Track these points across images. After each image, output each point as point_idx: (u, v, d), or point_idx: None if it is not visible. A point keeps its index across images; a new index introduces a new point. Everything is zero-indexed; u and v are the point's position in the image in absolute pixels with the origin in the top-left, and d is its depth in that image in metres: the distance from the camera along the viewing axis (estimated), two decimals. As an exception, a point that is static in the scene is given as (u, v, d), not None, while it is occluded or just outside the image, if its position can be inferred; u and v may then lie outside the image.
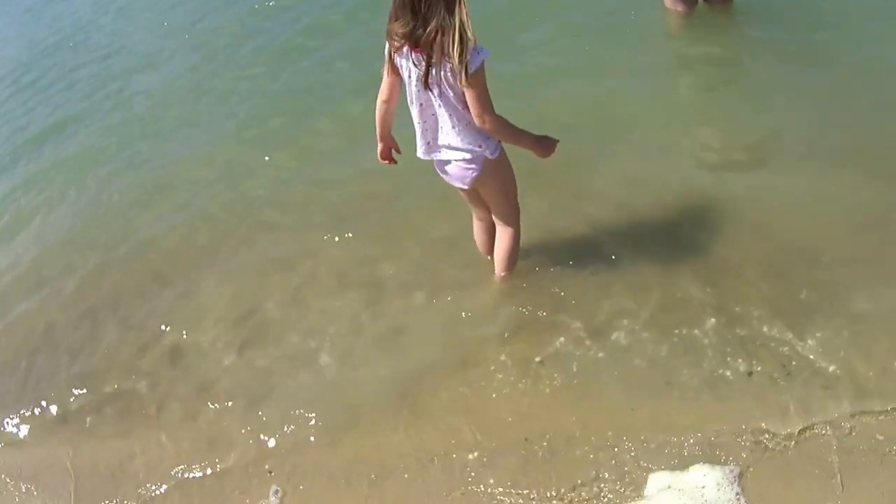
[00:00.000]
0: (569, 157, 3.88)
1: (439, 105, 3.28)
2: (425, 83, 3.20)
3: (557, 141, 3.49)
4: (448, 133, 3.36)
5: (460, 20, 3.04)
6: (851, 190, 4.18)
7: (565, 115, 4.76)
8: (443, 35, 3.05)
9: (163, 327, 4.40)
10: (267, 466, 3.49)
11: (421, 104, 3.32)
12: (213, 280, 4.63)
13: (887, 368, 3.26)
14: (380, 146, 3.63)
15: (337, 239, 4.60)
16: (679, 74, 5.75)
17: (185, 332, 4.32)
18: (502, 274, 3.89)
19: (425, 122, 3.37)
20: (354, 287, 4.23)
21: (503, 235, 3.81)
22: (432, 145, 3.43)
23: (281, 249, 4.70)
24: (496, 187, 3.60)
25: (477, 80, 3.12)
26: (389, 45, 3.24)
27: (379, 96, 3.48)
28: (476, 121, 3.23)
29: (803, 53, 5.44)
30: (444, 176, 3.59)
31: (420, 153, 3.49)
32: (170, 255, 4.99)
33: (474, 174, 3.47)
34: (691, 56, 5.84)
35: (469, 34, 3.06)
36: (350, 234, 4.61)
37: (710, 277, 3.78)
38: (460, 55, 3.05)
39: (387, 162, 3.70)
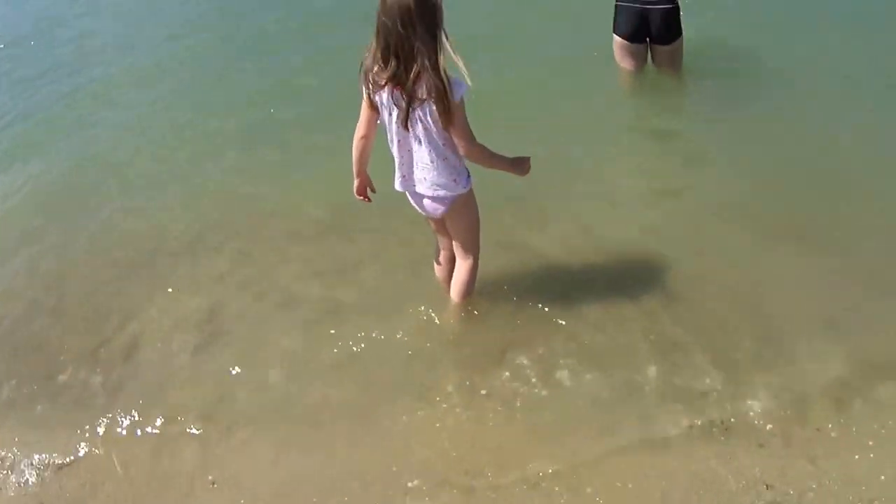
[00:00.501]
0: (523, 201, 4.01)
1: (418, 142, 3.42)
2: (405, 123, 3.34)
3: (529, 158, 3.65)
4: (424, 168, 3.50)
5: (442, 65, 3.18)
6: (795, 250, 4.35)
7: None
8: (425, 77, 3.19)
9: (121, 323, 4.42)
10: (210, 477, 3.51)
11: (399, 140, 3.46)
12: (174, 284, 4.65)
13: (821, 430, 3.37)
14: (356, 182, 3.75)
15: (298, 256, 4.70)
16: (623, 131, 5.95)
17: (142, 332, 4.33)
18: (457, 300, 3.99)
19: (402, 157, 3.52)
20: (310, 306, 4.29)
21: (462, 266, 3.94)
22: (408, 178, 3.58)
23: (243, 261, 4.76)
24: (464, 220, 3.77)
25: (459, 113, 3.29)
26: (368, 84, 3.35)
27: (356, 132, 3.59)
28: (461, 151, 3.42)
29: (747, 120, 5.68)
30: (416, 205, 3.74)
31: (397, 185, 3.64)
32: (137, 252, 5.02)
33: (446, 207, 3.63)
34: (636, 114, 6.12)
35: (448, 75, 3.20)
36: (309, 253, 4.71)
37: (656, 325, 3.90)
38: (442, 99, 3.21)
39: (362, 198, 3.82)
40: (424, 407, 3.60)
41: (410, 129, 3.38)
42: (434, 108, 3.27)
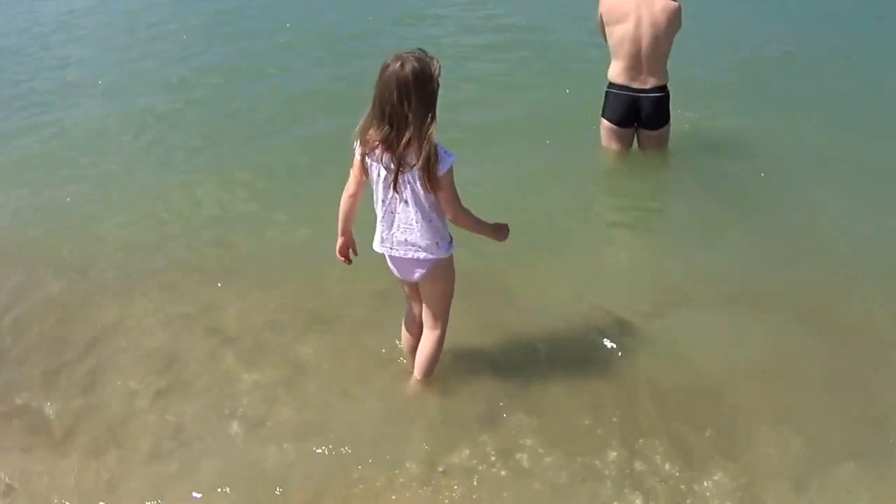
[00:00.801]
0: (494, 276, 4.07)
1: (405, 203, 3.52)
2: (394, 186, 3.45)
3: (507, 225, 3.79)
4: (407, 229, 3.59)
5: (432, 136, 3.33)
6: (763, 335, 4.44)
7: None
8: (415, 145, 3.32)
9: (83, 355, 4.41)
10: None
11: (383, 200, 3.56)
12: (143, 321, 4.68)
13: None
14: (340, 240, 3.82)
15: (267, 307, 4.73)
16: (603, 210, 6.12)
17: (104, 366, 4.33)
18: (419, 377, 3.99)
19: (385, 217, 3.62)
20: (276, 361, 4.29)
21: (429, 338, 3.95)
22: (388, 239, 3.65)
23: (213, 306, 4.80)
24: (440, 287, 3.82)
25: (447, 182, 3.45)
26: (362, 146, 3.47)
27: (345, 191, 3.69)
28: (449, 215, 3.57)
29: (730, 201, 5.87)
30: (393, 268, 3.79)
31: (376, 245, 3.72)
32: (105, 285, 5.08)
33: (425, 271, 3.69)
34: (618, 194, 6.26)
35: (437, 146, 3.36)
36: (279, 305, 4.74)
37: (617, 409, 3.90)
38: (430, 167, 3.35)
39: (343, 259, 3.87)
40: (380, 478, 3.57)
41: (398, 191, 3.48)
42: (421, 173, 3.39)
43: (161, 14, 11.34)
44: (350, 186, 3.68)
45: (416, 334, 4.11)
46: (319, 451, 3.72)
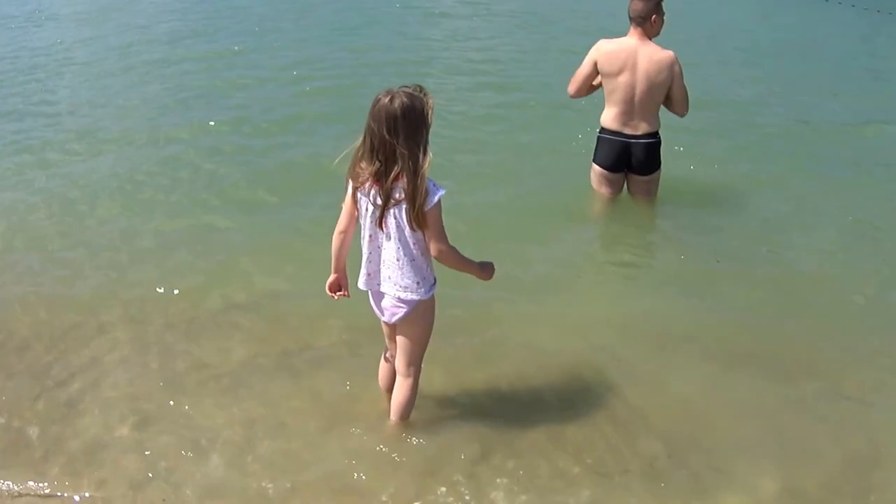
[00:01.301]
0: (478, 318, 4.17)
1: (388, 238, 3.54)
2: (380, 220, 3.49)
3: (493, 263, 3.80)
4: (391, 266, 3.60)
5: (422, 171, 3.36)
6: (743, 384, 4.54)
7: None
8: (404, 180, 3.37)
9: (65, 380, 4.45)
10: None
11: (370, 236, 3.60)
12: (125, 348, 4.74)
13: None
14: (332, 277, 3.85)
15: (249, 343, 4.79)
16: (593, 255, 6.23)
17: (85, 393, 4.36)
18: (395, 420, 4.02)
19: (370, 253, 3.64)
20: (253, 395, 4.34)
21: (403, 385, 3.97)
22: (373, 276, 3.68)
23: (195, 339, 4.85)
24: (417, 330, 3.82)
25: (434, 217, 3.46)
26: (353, 181, 3.51)
27: (337, 227, 3.73)
28: (433, 252, 3.54)
29: (716, 251, 6.01)
30: (375, 308, 3.82)
31: (360, 283, 3.74)
32: (89, 308, 5.16)
33: (405, 312, 3.70)
34: (607, 239, 6.40)
35: (426, 181, 3.39)
36: (261, 343, 4.81)
37: (594, 452, 3.97)
38: (416, 202, 3.38)
39: (332, 295, 3.90)
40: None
41: (384, 227, 3.52)
42: (409, 208, 3.43)
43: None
44: (341, 222, 3.71)
45: (393, 375, 4.14)
46: (292, 484, 3.77)
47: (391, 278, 3.64)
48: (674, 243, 6.23)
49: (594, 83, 6.12)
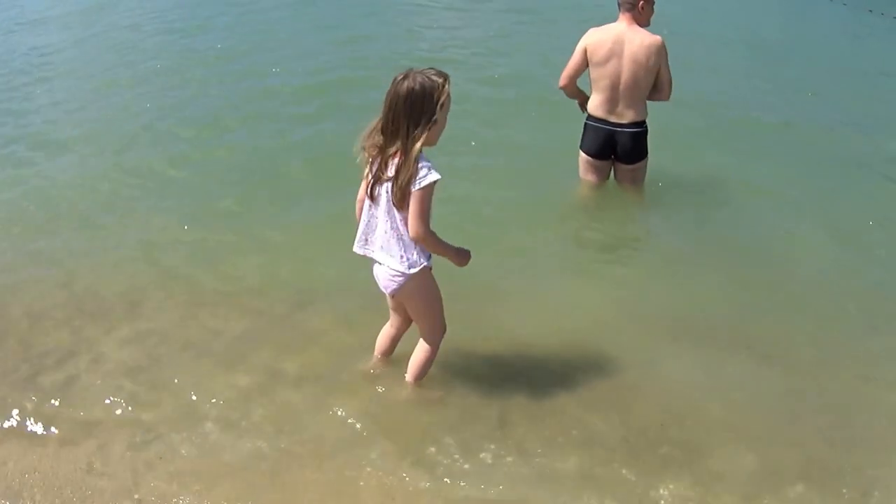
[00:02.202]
0: (469, 304, 4.44)
1: (381, 210, 3.68)
2: (371, 192, 3.64)
3: (470, 252, 3.90)
4: (381, 237, 3.74)
5: (413, 151, 3.50)
6: (728, 365, 4.66)
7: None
8: (398, 158, 3.52)
9: (62, 357, 4.53)
10: (137, 496, 3.60)
11: (369, 204, 3.73)
12: (122, 330, 4.81)
13: None
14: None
15: (245, 321, 4.88)
16: (580, 242, 6.32)
17: (82, 368, 4.44)
18: (409, 380, 4.18)
19: (367, 221, 3.78)
20: (251, 368, 4.43)
21: (420, 348, 4.15)
22: (369, 243, 3.82)
23: (190, 319, 4.94)
24: (418, 303, 3.97)
25: (418, 198, 3.55)
26: (366, 152, 3.66)
27: (358, 194, 3.87)
28: (410, 233, 3.64)
29: (701, 239, 6.15)
30: (376, 278, 3.95)
31: (356, 247, 3.87)
32: (89, 290, 5.24)
33: (397, 286, 3.83)
34: (592, 225, 6.44)
35: (418, 163, 3.53)
36: (258, 320, 4.90)
37: (583, 421, 4.11)
38: (401, 181, 3.52)
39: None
40: (350, 468, 3.74)
41: (375, 199, 3.68)
42: (392, 186, 3.57)
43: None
44: (360, 191, 3.84)
45: (388, 345, 4.31)
46: (289, 440, 3.90)
47: (383, 248, 3.77)
48: (658, 232, 6.34)
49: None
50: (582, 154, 6.38)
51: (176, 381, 4.34)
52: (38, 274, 5.48)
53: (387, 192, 3.62)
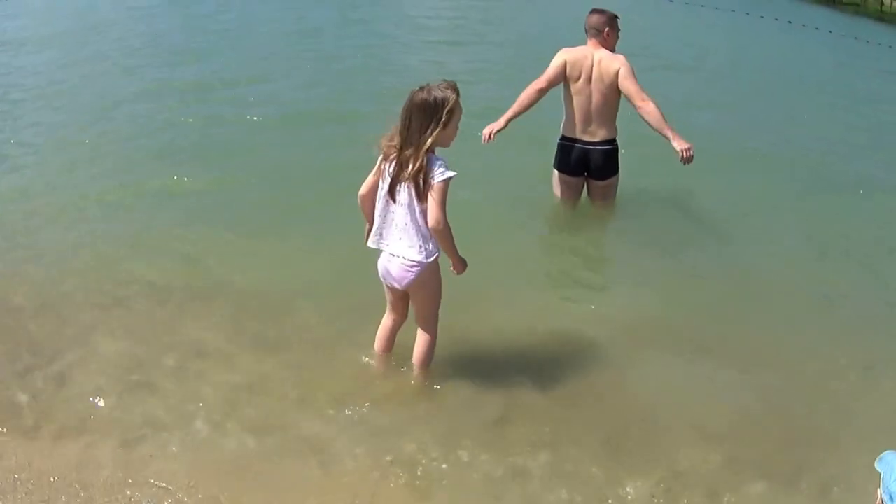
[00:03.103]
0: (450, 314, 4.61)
1: (401, 205, 4.06)
2: (391, 189, 4.02)
3: (467, 263, 4.31)
4: (400, 229, 4.10)
5: (424, 149, 3.94)
6: (697, 369, 4.91)
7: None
8: (414, 159, 3.95)
9: (53, 356, 4.68)
10: (128, 492, 3.73)
11: (386, 200, 4.12)
12: (112, 329, 4.97)
13: None
14: (367, 226, 4.35)
15: (232, 319, 5.09)
16: (554, 252, 6.63)
17: (73, 368, 4.59)
18: (418, 367, 4.50)
19: (384, 216, 4.16)
20: (238, 367, 4.63)
21: (421, 338, 4.48)
22: (384, 237, 4.20)
23: (179, 318, 5.13)
24: (428, 291, 4.32)
25: (440, 189, 3.97)
26: (384, 152, 4.08)
27: (360, 190, 4.28)
28: (430, 221, 4.01)
29: (672, 251, 6.40)
30: (383, 273, 4.28)
31: (371, 242, 4.23)
32: (76, 302, 5.36)
33: (413, 276, 4.16)
34: (569, 238, 6.71)
35: (432, 160, 3.98)
36: (245, 317, 5.11)
37: (551, 421, 4.33)
38: (420, 177, 3.96)
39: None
40: (333, 466, 3.93)
41: (394, 196, 4.04)
42: (412, 176, 3.96)
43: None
44: (364, 186, 4.24)
45: (387, 341, 4.61)
46: (274, 438, 4.09)
47: (401, 239, 4.13)
48: (630, 244, 6.60)
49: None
50: (556, 172, 6.65)
51: (165, 380, 4.51)
52: (24, 272, 5.69)
53: (408, 188, 4.01)
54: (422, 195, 3.99)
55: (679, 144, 6.14)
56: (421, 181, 3.96)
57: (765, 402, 4.64)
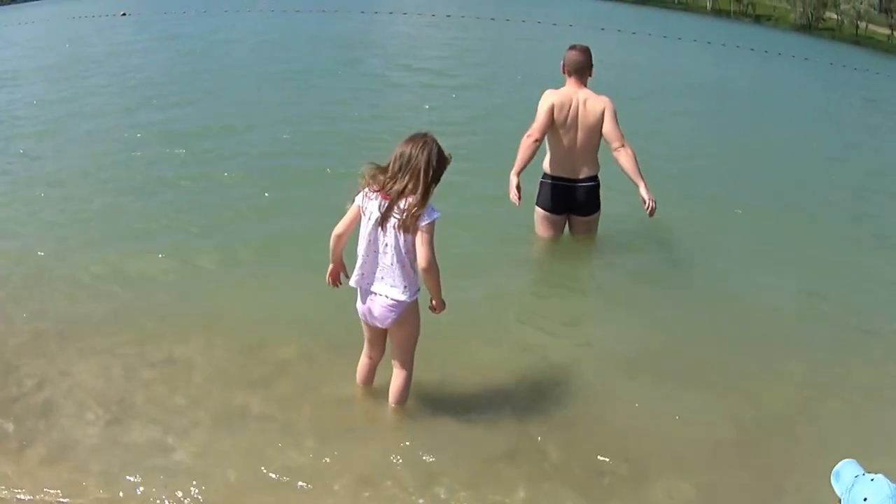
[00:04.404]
0: (430, 346, 4.70)
1: (385, 245, 4.10)
2: (382, 223, 4.06)
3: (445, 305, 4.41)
4: (384, 268, 4.17)
5: (428, 195, 4.05)
6: (675, 400, 4.95)
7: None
8: (412, 199, 4.01)
9: (38, 384, 4.74)
10: None
11: (369, 240, 4.16)
12: (96, 358, 5.04)
13: None
14: (331, 267, 4.44)
15: (215, 351, 5.17)
16: (540, 289, 6.74)
17: (59, 396, 4.64)
18: (393, 405, 4.56)
19: (367, 255, 4.20)
20: (219, 399, 4.68)
21: (398, 377, 4.55)
22: (366, 276, 4.23)
23: (163, 348, 5.19)
24: (408, 330, 4.40)
25: (429, 231, 4.07)
26: (366, 187, 4.14)
27: (336, 229, 4.33)
28: (422, 261, 4.09)
29: (655, 282, 6.52)
30: (364, 312, 4.33)
31: (352, 281, 4.27)
32: (61, 321, 5.50)
33: (395, 316, 4.22)
34: (554, 274, 6.86)
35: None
36: (225, 346, 5.20)
37: (528, 456, 4.38)
38: (417, 212, 4.02)
39: (331, 283, 4.45)
40: (311, 500, 3.97)
41: (383, 233, 4.10)
42: (405, 219, 4.03)
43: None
44: (341, 225, 4.30)
45: (368, 374, 4.69)
46: (254, 472, 4.11)
47: (384, 279, 4.19)
48: (614, 276, 6.70)
49: None
50: (539, 210, 6.75)
51: (147, 412, 4.56)
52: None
53: (394, 230, 4.07)
54: (410, 236, 4.07)
55: (648, 195, 6.32)
56: (414, 221, 4.03)
57: (739, 428, 4.73)
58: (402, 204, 4.02)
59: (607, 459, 4.37)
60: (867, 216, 8.91)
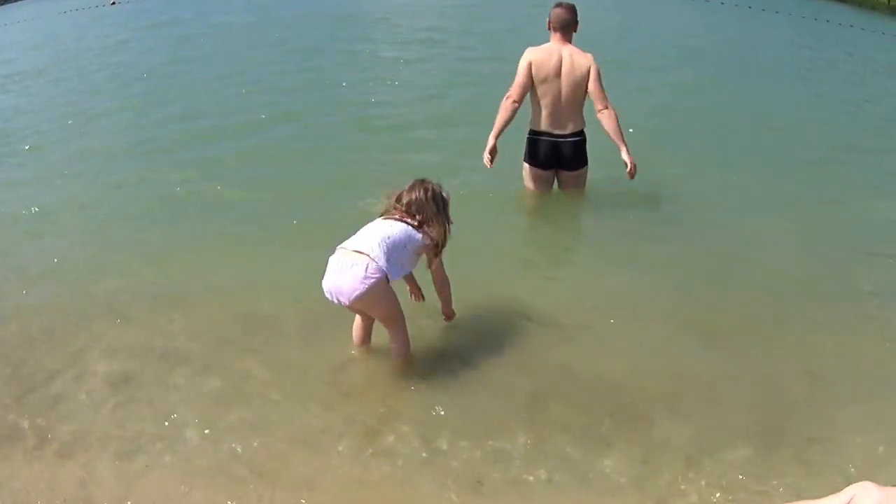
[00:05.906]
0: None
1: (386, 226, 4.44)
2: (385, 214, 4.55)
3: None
4: (362, 241, 4.37)
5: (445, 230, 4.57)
6: (673, 343, 5.02)
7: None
8: (435, 230, 4.52)
9: (47, 377, 4.78)
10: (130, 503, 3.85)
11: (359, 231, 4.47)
12: (101, 345, 5.09)
13: (671, 483, 3.90)
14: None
15: (215, 325, 5.25)
16: (533, 242, 6.80)
17: (67, 387, 4.68)
18: (397, 360, 4.70)
19: (349, 238, 4.45)
20: (224, 373, 4.73)
21: (394, 338, 4.67)
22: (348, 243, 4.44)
23: (164, 327, 5.27)
24: (384, 309, 4.50)
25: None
26: (387, 207, 4.57)
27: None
28: (438, 273, 4.70)
29: (646, 236, 6.52)
30: (332, 290, 4.38)
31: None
32: (63, 312, 5.54)
33: (365, 288, 4.27)
34: (544, 228, 6.93)
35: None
36: (228, 324, 5.26)
37: (528, 403, 4.46)
38: (442, 241, 4.55)
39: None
40: (316, 460, 4.05)
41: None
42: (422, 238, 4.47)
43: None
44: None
45: (363, 334, 4.80)
46: (262, 438, 4.19)
47: (357, 250, 4.34)
48: (604, 229, 6.73)
49: None
50: (527, 166, 6.80)
51: (154, 392, 4.62)
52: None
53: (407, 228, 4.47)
54: (433, 256, 4.59)
55: (629, 158, 6.41)
56: (437, 250, 4.57)
57: (739, 372, 4.77)
58: (429, 232, 4.48)
59: (605, 405, 4.43)
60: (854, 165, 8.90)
